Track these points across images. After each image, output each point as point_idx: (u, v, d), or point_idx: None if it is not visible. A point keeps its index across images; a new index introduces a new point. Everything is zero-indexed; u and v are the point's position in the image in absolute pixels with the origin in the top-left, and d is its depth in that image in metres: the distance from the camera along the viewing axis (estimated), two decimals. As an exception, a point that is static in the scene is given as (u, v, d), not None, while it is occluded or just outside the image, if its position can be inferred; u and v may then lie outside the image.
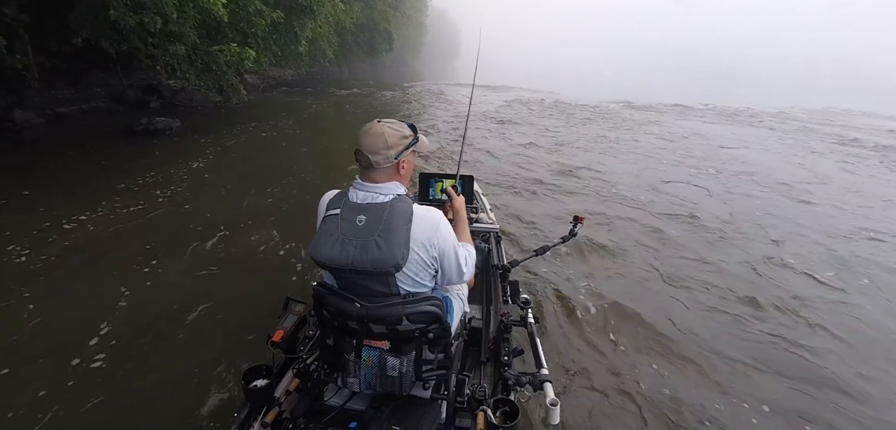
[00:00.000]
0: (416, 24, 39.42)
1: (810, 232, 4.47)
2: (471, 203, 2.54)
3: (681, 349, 2.61)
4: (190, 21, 5.94)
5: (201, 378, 2.18)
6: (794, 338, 2.75)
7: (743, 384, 2.36)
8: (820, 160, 7.93)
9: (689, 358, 2.54)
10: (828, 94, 25.79)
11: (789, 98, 20.61)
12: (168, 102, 10.40)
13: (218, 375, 2.20)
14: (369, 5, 20.54)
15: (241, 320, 2.61)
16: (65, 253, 3.40)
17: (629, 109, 14.04)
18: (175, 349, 2.42)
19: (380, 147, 1.18)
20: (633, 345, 2.64)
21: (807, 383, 2.37)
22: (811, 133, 10.74)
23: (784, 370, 2.46)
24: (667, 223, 4.55)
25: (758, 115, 13.71)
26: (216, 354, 2.33)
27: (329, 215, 1.18)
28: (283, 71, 17.41)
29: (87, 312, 2.68)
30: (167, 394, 2.11)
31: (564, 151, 7.90)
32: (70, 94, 8.71)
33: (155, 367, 2.28)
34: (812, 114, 14.47)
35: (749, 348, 2.64)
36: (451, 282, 1.33)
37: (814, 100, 19.68)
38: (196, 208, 4.46)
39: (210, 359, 2.30)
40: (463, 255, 1.31)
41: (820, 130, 11.16)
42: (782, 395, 2.29)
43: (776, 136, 10.30)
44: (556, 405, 1.22)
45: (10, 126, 7.02)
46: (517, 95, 17.33)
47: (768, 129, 11.27)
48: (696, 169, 6.85)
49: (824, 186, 6.28)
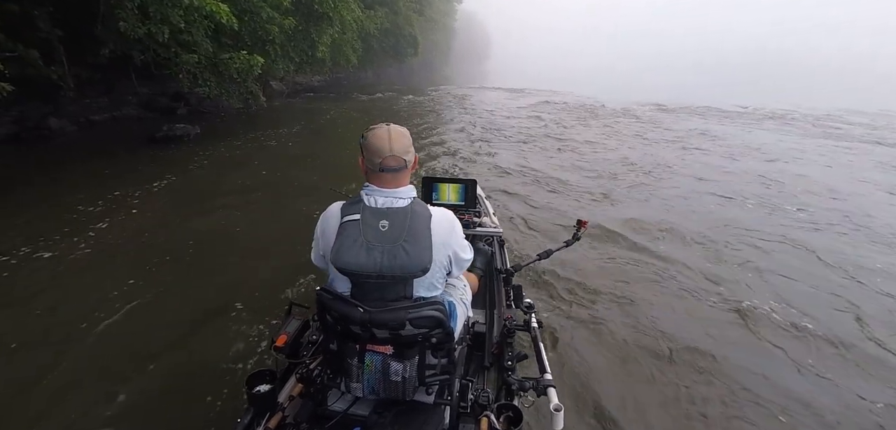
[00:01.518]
0: (444, 28, 39.49)
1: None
2: (474, 207, 2.56)
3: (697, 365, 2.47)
4: (202, 30, 6.10)
5: (204, 383, 2.19)
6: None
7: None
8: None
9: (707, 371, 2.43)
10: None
11: (825, 98, 18.55)
12: (194, 108, 10.84)
13: (221, 379, 2.21)
14: (393, 10, 20.70)
15: (244, 325, 2.64)
16: (51, 260, 3.48)
17: (663, 113, 13.23)
18: (177, 355, 2.42)
19: (407, 145, 1.22)
20: (643, 350, 2.58)
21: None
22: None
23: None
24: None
25: (798, 118, 12.45)
26: (219, 358, 2.35)
27: (348, 221, 1.16)
28: (310, 77, 17.87)
29: (80, 316, 2.71)
30: (170, 398, 2.12)
31: (621, 184, 6.00)
32: (104, 102, 9.24)
33: (157, 371, 2.30)
34: (873, 118, 12.88)
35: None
36: (454, 273, 1.36)
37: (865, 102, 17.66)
38: (197, 212, 4.52)
39: (213, 364, 2.32)
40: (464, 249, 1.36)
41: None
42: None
43: (843, 148, 8.64)
44: (560, 411, 1.21)
45: (45, 133, 7.52)
46: (543, 98, 16.81)
47: (826, 139, 9.78)
48: (810, 223, 4.71)
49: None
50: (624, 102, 15.16)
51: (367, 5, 17.90)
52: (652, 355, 2.56)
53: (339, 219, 1.18)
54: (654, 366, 2.48)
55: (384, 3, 19.98)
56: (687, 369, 2.47)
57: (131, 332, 2.62)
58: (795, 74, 36.26)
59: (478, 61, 59.98)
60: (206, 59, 6.90)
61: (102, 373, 2.29)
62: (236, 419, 1.31)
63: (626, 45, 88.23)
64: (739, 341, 2.76)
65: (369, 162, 1.21)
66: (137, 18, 5.36)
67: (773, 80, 29.67)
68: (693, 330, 2.82)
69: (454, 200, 2.49)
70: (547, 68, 43.53)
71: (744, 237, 4.27)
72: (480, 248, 2.17)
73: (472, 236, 2.35)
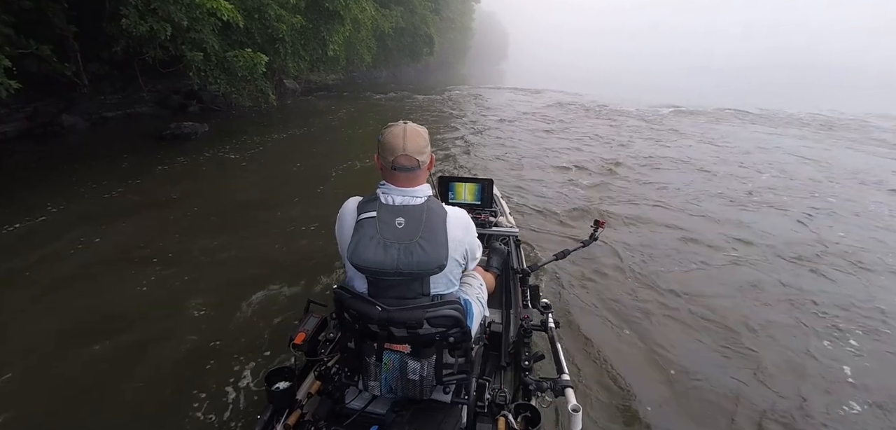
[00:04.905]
0: (462, 28, 39.14)
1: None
2: (491, 206, 2.56)
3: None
4: (207, 28, 6.03)
5: (224, 379, 2.21)
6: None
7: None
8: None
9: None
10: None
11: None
12: (207, 106, 10.89)
13: (241, 376, 2.24)
14: (409, 9, 20.55)
15: (263, 323, 2.65)
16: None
17: (679, 116, 12.67)
18: (197, 352, 2.42)
19: (422, 145, 1.21)
20: (664, 351, 2.51)
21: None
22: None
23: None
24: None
25: (840, 125, 11.69)
26: (238, 356, 2.37)
27: (365, 218, 1.16)
28: (324, 75, 17.86)
29: (97, 313, 2.75)
30: (190, 394, 2.12)
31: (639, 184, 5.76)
32: (118, 99, 9.35)
33: (178, 368, 2.31)
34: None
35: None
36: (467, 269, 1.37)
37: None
38: (199, 214, 4.45)
39: (233, 361, 2.33)
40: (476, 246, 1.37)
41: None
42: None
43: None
44: (578, 412, 1.19)
45: (57, 130, 7.61)
46: (556, 98, 16.40)
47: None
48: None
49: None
50: (640, 105, 14.61)
51: (383, 4, 17.79)
52: (673, 355, 2.48)
53: (356, 216, 1.18)
54: (676, 367, 2.39)
55: (400, 2, 19.85)
56: (712, 370, 2.38)
57: (146, 331, 2.60)
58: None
59: (495, 61, 59.60)
60: (215, 57, 6.84)
61: (113, 371, 2.28)
62: (256, 415, 1.36)
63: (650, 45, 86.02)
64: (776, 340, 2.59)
65: (383, 160, 1.21)
66: (139, 15, 5.31)
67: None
68: (717, 329, 2.73)
69: (470, 199, 2.51)
70: (566, 69, 42.88)
71: (775, 241, 4.00)
72: (497, 247, 2.18)
73: (488, 236, 2.35)
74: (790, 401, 2.19)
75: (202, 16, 5.72)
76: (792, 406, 2.16)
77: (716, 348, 2.60)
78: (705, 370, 2.40)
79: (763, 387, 2.28)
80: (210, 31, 6.27)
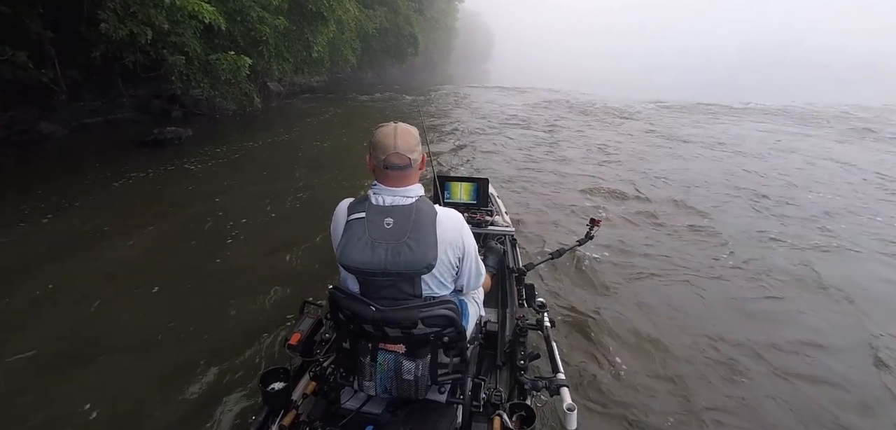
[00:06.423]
0: (446, 27, 39.22)
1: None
2: (486, 206, 2.58)
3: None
4: (189, 31, 5.99)
5: (219, 380, 2.23)
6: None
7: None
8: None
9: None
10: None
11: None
12: (189, 111, 10.74)
13: (235, 377, 2.25)
14: (393, 9, 20.54)
15: (258, 325, 2.66)
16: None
17: (662, 111, 12.98)
18: (191, 356, 2.42)
19: (413, 144, 1.21)
20: (659, 348, 2.55)
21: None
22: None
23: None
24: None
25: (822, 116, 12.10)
26: (233, 356, 2.38)
27: (354, 219, 1.17)
28: (308, 77, 17.74)
29: (87, 318, 2.74)
30: (184, 398, 2.13)
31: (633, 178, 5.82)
32: (97, 105, 9.17)
33: (171, 372, 2.30)
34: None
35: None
36: (470, 286, 1.35)
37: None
38: (201, 214, 4.47)
39: (227, 361, 2.34)
40: (479, 261, 1.37)
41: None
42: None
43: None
44: (573, 411, 1.21)
45: (35, 137, 7.44)
46: (545, 98, 16.60)
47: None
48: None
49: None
50: (626, 101, 14.90)
51: (366, 4, 17.74)
52: (668, 353, 2.51)
53: (346, 217, 1.19)
54: (671, 365, 2.42)
55: (384, 3, 19.82)
56: (707, 368, 2.40)
57: (137, 337, 2.61)
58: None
59: (480, 61, 59.78)
60: (197, 61, 6.78)
61: (110, 376, 2.28)
62: (251, 416, 1.35)
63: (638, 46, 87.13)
64: (766, 340, 2.63)
65: (375, 159, 1.21)
66: (118, 19, 5.25)
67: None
68: (713, 328, 2.76)
69: (466, 198, 2.53)
70: (556, 69, 43.21)
71: (769, 235, 4.17)
72: (493, 246, 2.15)
73: (484, 235, 2.36)
74: (790, 401, 2.20)
75: (183, 19, 5.68)
76: (792, 407, 2.18)
77: (715, 347, 2.59)
78: (704, 369, 2.40)
79: (763, 387, 2.30)
80: (192, 34, 6.22)
